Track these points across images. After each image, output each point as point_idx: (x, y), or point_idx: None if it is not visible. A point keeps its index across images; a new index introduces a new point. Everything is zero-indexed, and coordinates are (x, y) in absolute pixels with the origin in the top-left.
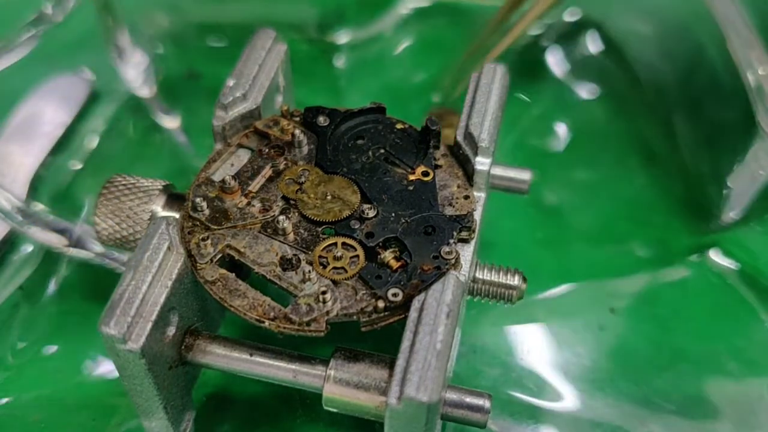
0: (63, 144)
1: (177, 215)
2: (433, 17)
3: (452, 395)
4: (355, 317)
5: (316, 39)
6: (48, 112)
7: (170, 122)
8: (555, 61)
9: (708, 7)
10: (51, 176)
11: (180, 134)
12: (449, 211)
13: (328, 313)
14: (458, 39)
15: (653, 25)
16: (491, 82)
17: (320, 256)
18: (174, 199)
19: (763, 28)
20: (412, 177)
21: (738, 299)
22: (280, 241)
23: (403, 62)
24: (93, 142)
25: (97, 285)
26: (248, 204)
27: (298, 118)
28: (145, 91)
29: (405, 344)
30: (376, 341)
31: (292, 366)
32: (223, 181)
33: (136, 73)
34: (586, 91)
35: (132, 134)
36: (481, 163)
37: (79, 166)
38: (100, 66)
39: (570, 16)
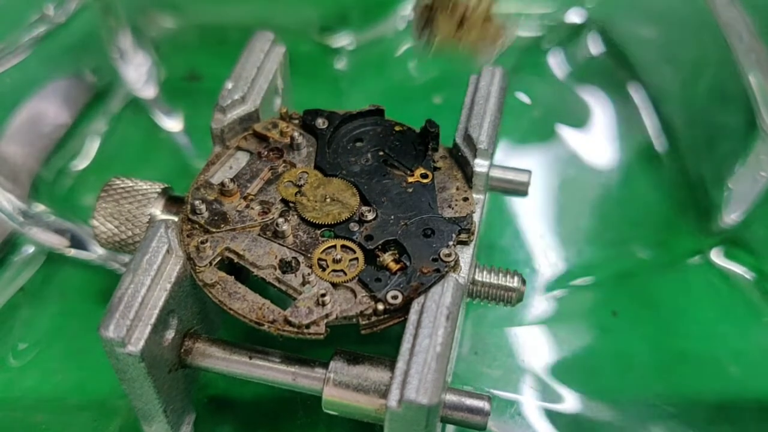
0: (64, 145)
1: (176, 218)
2: None
3: (452, 397)
4: (354, 320)
5: (318, 41)
6: (50, 113)
7: (171, 123)
8: (556, 62)
9: (710, 10)
10: (52, 177)
11: (181, 135)
12: (448, 213)
13: (327, 315)
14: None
15: (655, 28)
16: (490, 84)
17: (319, 259)
18: (173, 201)
19: (765, 31)
20: (411, 179)
21: (739, 302)
22: (279, 243)
23: (405, 64)
24: (94, 143)
25: (98, 286)
26: (247, 207)
27: (297, 121)
28: (146, 92)
29: (405, 347)
30: (375, 344)
31: (292, 369)
32: (221, 183)
33: (137, 74)
34: (587, 93)
35: (133, 135)
36: (480, 165)
37: (80, 167)
38: (101, 67)
39: (572, 18)
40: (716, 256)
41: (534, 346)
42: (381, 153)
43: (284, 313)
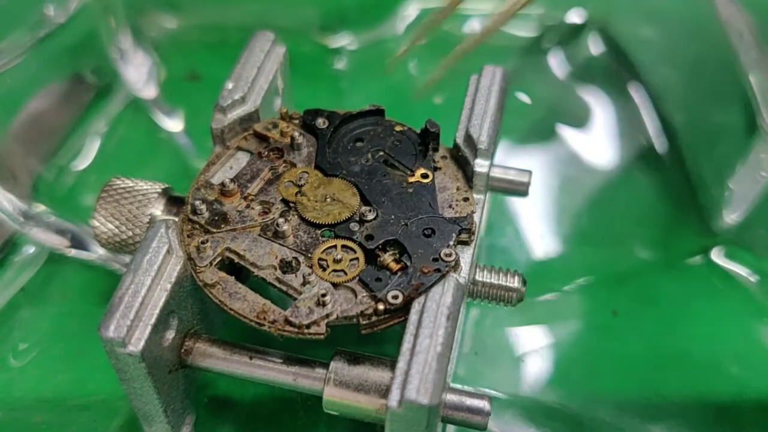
0: (64, 145)
1: (176, 218)
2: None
3: (452, 397)
4: (354, 320)
5: (318, 41)
6: (50, 113)
7: (172, 124)
8: (556, 62)
9: (712, 10)
10: (53, 177)
11: (181, 135)
12: (449, 213)
13: (327, 315)
14: (459, 42)
15: (655, 28)
16: (491, 84)
17: (320, 259)
18: (173, 202)
19: (765, 31)
20: (411, 179)
21: (740, 302)
22: (279, 243)
23: (405, 64)
24: (95, 143)
25: (98, 286)
26: (247, 207)
27: (297, 121)
28: (146, 92)
29: (405, 347)
30: (376, 344)
31: (292, 369)
32: (222, 184)
33: (137, 74)
34: (587, 93)
35: (133, 135)
36: (481, 165)
37: (80, 167)
38: (101, 67)
39: (572, 18)
40: (717, 256)
41: (534, 346)
42: (381, 153)
43: (285, 313)
